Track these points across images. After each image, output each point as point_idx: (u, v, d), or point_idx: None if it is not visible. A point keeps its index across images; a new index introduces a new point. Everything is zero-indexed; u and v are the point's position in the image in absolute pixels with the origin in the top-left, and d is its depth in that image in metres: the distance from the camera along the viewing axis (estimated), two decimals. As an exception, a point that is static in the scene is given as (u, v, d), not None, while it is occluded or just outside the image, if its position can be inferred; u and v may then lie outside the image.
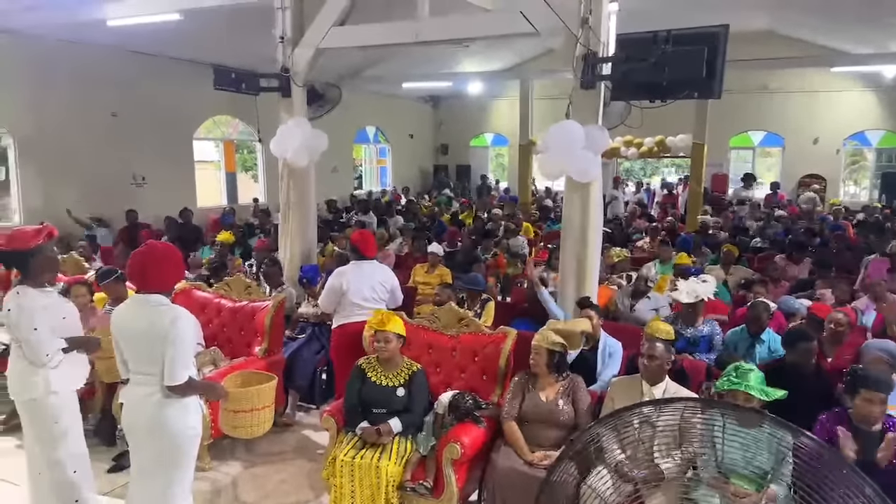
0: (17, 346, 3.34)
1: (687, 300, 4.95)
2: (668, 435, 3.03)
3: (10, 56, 8.35)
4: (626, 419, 2.83)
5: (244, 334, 5.21)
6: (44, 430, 3.35)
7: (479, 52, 12.72)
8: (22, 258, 3.29)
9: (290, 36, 6.38)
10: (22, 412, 3.41)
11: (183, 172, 11.32)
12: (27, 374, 3.31)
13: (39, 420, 3.34)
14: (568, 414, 3.66)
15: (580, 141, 4.91)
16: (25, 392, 3.31)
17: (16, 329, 3.26)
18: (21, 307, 3.24)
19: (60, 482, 3.39)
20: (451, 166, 19.22)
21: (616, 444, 3.13)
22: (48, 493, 3.41)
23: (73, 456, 3.43)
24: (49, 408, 3.33)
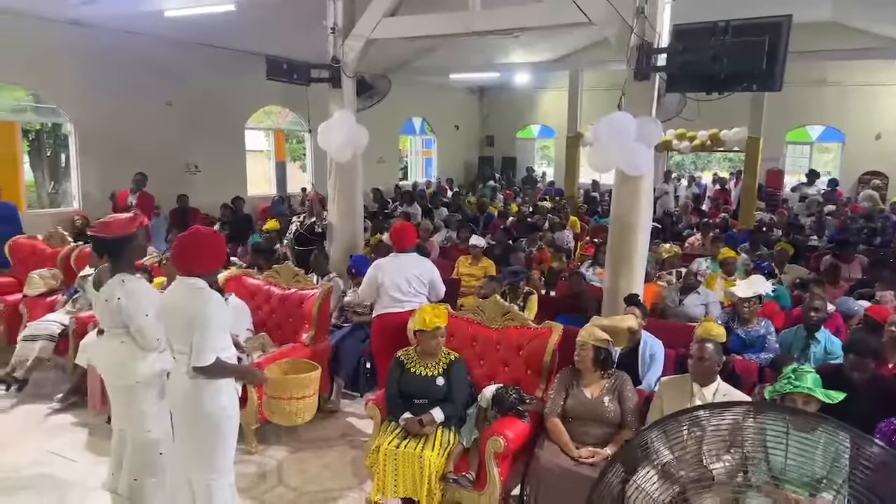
0: (117, 334, 3.35)
1: (744, 294, 4.80)
2: (719, 437, 2.95)
3: (73, 47, 8.63)
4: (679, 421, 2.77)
5: (292, 321, 5.29)
6: (141, 412, 3.39)
7: (527, 42, 12.59)
8: (117, 245, 3.32)
9: (342, 27, 6.44)
10: (120, 396, 3.44)
11: (234, 161, 11.54)
12: (135, 358, 3.34)
13: (137, 403, 3.37)
14: (614, 412, 3.61)
15: (631, 133, 4.82)
16: (129, 376, 3.33)
17: (125, 316, 3.28)
18: (131, 294, 3.27)
19: (146, 462, 3.45)
20: (496, 158, 19.13)
21: (664, 445, 3.07)
22: (133, 471, 3.47)
23: (161, 437, 3.48)
24: (148, 390, 3.37)
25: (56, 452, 4.45)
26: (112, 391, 3.49)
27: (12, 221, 7.47)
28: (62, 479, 4.14)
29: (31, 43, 8.13)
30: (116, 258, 3.35)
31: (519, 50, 13.90)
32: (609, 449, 3.49)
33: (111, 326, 3.39)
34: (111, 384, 3.47)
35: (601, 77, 14.80)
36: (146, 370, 3.36)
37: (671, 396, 3.49)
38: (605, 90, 14.18)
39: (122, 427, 3.49)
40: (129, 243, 3.35)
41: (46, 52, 8.35)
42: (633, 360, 4.32)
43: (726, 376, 3.71)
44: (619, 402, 3.63)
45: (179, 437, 3.21)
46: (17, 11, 7.83)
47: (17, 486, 4.05)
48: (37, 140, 13.15)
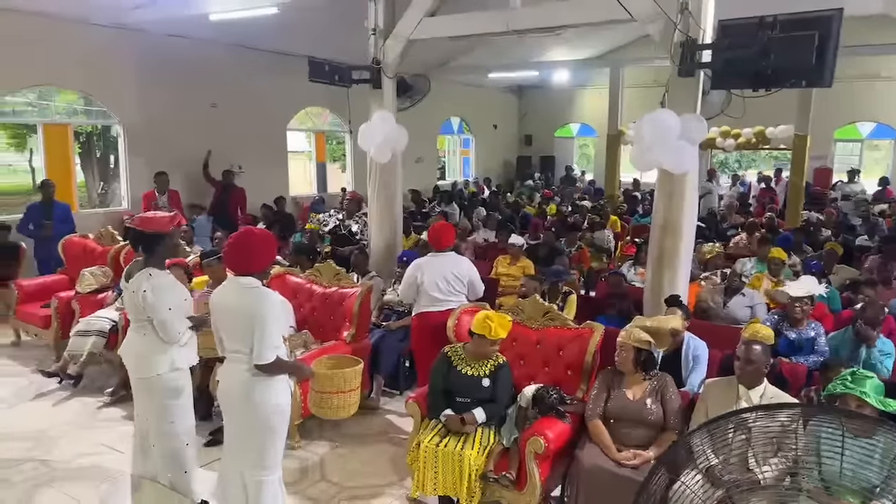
0: (141, 326, 3.46)
1: (797, 294, 4.67)
2: (766, 440, 2.89)
3: (121, 50, 8.88)
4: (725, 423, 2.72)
5: (333, 319, 5.36)
6: (162, 405, 3.49)
7: (567, 40, 12.48)
8: (153, 240, 3.43)
9: (382, 28, 6.49)
10: (141, 388, 3.55)
11: (276, 162, 11.71)
12: (154, 352, 3.44)
13: (160, 395, 3.48)
14: (656, 414, 3.56)
15: (675, 131, 4.74)
16: (151, 369, 3.44)
17: (149, 309, 3.38)
18: (155, 287, 3.37)
19: (173, 453, 3.55)
20: (534, 157, 19.02)
21: (709, 448, 3.02)
22: (160, 464, 3.57)
23: (186, 429, 3.59)
24: (171, 383, 3.47)
25: (106, 444, 4.60)
26: (134, 383, 3.59)
27: (68, 221, 7.75)
28: (112, 469, 4.26)
29: (83, 48, 8.39)
30: (149, 253, 3.47)
31: (558, 48, 13.80)
32: (652, 451, 3.44)
33: (136, 319, 3.50)
34: (133, 376, 3.57)
35: (643, 74, 14.58)
36: (166, 364, 3.44)
37: (716, 399, 3.43)
38: (648, 87, 13.98)
39: (147, 418, 3.57)
40: (163, 240, 3.46)
41: (98, 56, 8.61)
42: (675, 362, 4.25)
43: (773, 379, 3.62)
44: (662, 405, 3.58)
45: (232, 434, 3.27)
46: (71, 18, 8.09)
47: (69, 476, 4.20)
48: (87, 142, 13.61)
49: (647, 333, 3.66)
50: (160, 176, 8.95)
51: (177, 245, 3.68)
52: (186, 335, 3.51)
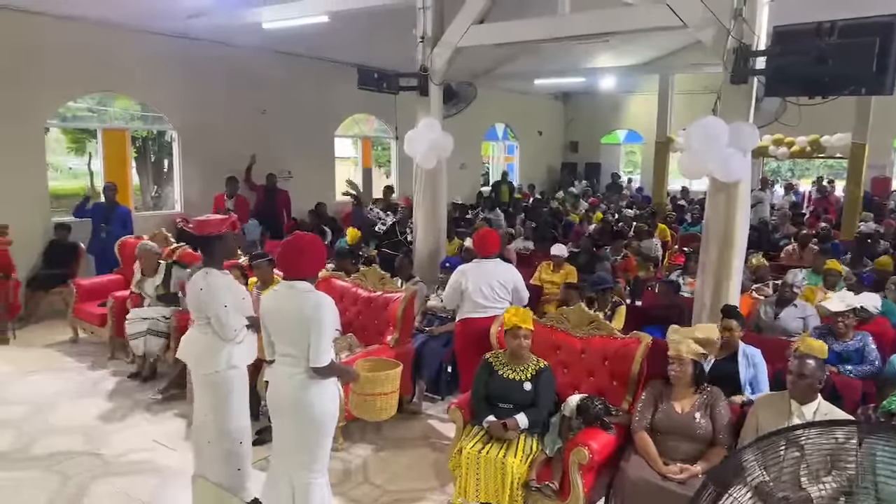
0: (201, 324, 3.60)
1: (836, 308, 4.55)
2: (819, 458, 2.80)
3: (176, 58, 9.16)
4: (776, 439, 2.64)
5: (377, 323, 5.42)
6: (220, 402, 3.59)
7: (615, 46, 12.35)
8: (209, 242, 3.60)
9: (430, 35, 6.54)
10: (200, 385, 3.67)
11: (324, 168, 11.90)
12: (213, 350, 3.56)
13: (217, 392, 3.58)
14: (705, 428, 3.49)
15: (724, 138, 4.65)
16: (210, 366, 3.55)
17: (206, 307, 3.52)
18: (211, 285, 3.51)
19: (228, 452, 3.63)
20: (580, 164, 18.86)
21: (759, 464, 2.94)
22: (215, 461, 3.66)
23: (241, 427, 3.67)
24: (229, 380, 3.58)
25: (157, 441, 4.74)
26: (195, 380, 3.71)
27: (127, 223, 8.03)
28: (164, 465, 4.40)
29: (142, 55, 8.70)
30: (207, 254, 3.63)
31: (606, 54, 13.66)
32: (699, 466, 3.37)
33: (197, 318, 3.62)
34: (194, 373, 3.70)
35: (693, 80, 14.33)
36: (225, 361, 3.54)
37: (768, 414, 3.34)
38: (698, 94, 13.72)
39: (205, 415, 3.65)
40: (218, 242, 3.60)
41: (155, 63, 8.91)
42: (731, 369, 4.15)
43: (827, 394, 3.51)
44: (711, 419, 3.51)
45: (282, 436, 3.31)
46: (130, 27, 8.39)
47: (121, 470, 4.33)
48: (143, 146, 14.07)
49: (699, 344, 3.60)
50: (231, 181, 9.26)
51: (233, 247, 3.78)
52: (242, 333, 3.61)
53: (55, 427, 4.93)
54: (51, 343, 6.93)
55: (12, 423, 4.98)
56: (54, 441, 4.70)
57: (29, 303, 7.63)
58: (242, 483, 3.68)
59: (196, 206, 9.54)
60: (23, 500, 3.94)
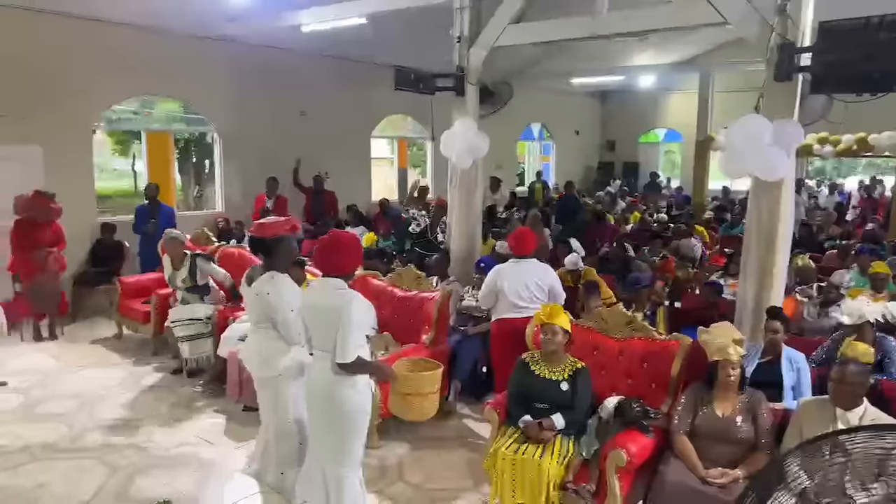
0: (264, 328, 3.65)
1: (848, 322, 4.40)
2: (866, 465, 2.72)
3: (218, 60, 9.34)
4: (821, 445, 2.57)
5: (413, 322, 5.44)
6: (283, 403, 3.67)
7: (654, 43, 12.18)
8: (270, 245, 3.65)
9: (467, 35, 6.54)
10: (263, 387, 3.74)
11: (360, 169, 12.00)
12: (277, 352, 3.62)
13: (281, 394, 3.66)
14: (746, 432, 3.42)
15: (766, 136, 4.55)
16: (273, 369, 3.62)
17: (272, 310, 3.57)
18: (278, 289, 3.58)
19: (287, 452, 3.72)
20: (617, 163, 18.64)
21: (803, 470, 2.87)
22: (274, 459, 3.76)
23: (301, 430, 3.72)
24: (290, 382, 3.64)
25: (199, 436, 4.84)
26: (258, 383, 3.77)
27: (171, 223, 8.21)
28: (205, 459, 4.49)
29: (184, 58, 8.89)
30: (269, 257, 3.67)
31: (645, 51, 13.48)
32: (740, 470, 3.31)
33: (258, 321, 3.67)
34: (257, 376, 3.75)
35: (734, 78, 14.01)
36: (288, 363, 3.60)
37: (811, 420, 3.26)
38: (740, 92, 13.37)
39: (267, 417, 3.75)
40: (281, 244, 3.65)
41: (197, 66, 9.10)
42: (774, 373, 4.05)
43: (874, 399, 3.41)
44: (754, 423, 3.44)
45: (315, 430, 3.41)
46: (172, 30, 8.59)
47: (166, 463, 4.44)
48: (185, 148, 14.40)
49: (739, 345, 3.53)
50: (271, 181, 9.36)
51: (293, 249, 3.84)
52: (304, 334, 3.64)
53: (103, 420, 5.08)
54: (97, 339, 7.14)
55: (63, 416, 5.15)
56: (102, 434, 4.85)
57: (76, 300, 7.88)
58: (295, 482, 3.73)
59: (237, 207, 9.74)
60: (74, 489, 4.06)
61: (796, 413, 3.43)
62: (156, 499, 3.90)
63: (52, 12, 7.56)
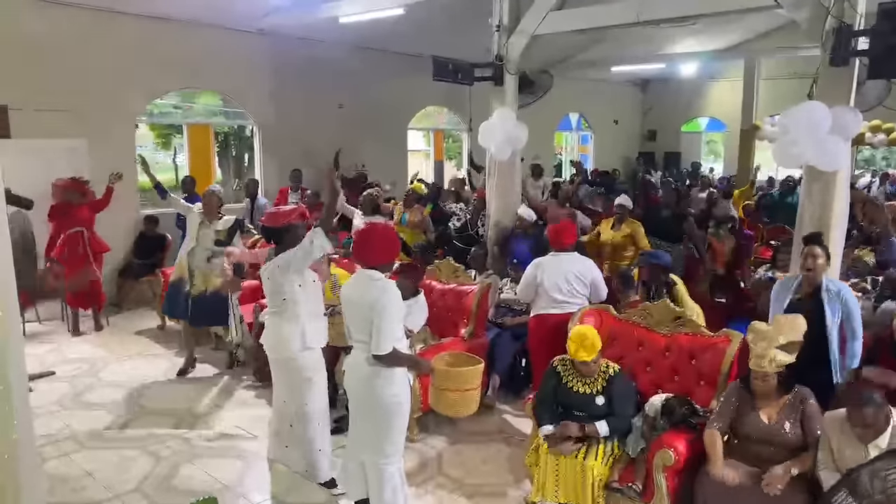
0: (275, 311, 3.78)
1: None
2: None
3: (256, 53, 9.41)
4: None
5: (451, 315, 5.39)
6: (298, 386, 3.77)
7: (698, 30, 11.83)
8: (278, 233, 3.81)
9: (507, 24, 6.43)
10: (278, 369, 3.86)
11: (397, 161, 11.95)
12: (287, 334, 3.72)
13: (295, 375, 3.76)
14: (794, 436, 3.20)
15: (826, 125, 4.36)
16: (285, 350, 3.74)
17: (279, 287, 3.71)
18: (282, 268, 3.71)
19: (307, 434, 3.79)
20: (657, 153, 18.24)
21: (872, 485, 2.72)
22: (295, 443, 3.84)
23: (319, 410, 3.84)
24: (304, 362, 3.74)
25: (240, 426, 4.88)
26: (273, 364, 3.87)
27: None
28: (246, 449, 4.51)
29: (224, 52, 8.97)
30: (279, 244, 3.80)
31: (688, 39, 13.10)
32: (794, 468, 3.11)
33: (272, 304, 3.79)
34: (272, 358, 3.86)
35: (779, 65, 13.60)
36: (299, 343, 3.68)
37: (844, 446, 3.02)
38: (786, 79, 13.02)
39: (285, 399, 3.83)
40: (288, 232, 3.77)
41: (237, 60, 9.17)
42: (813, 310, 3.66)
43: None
44: (802, 425, 3.21)
45: (355, 421, 3.42)
46: (214, 24, 8.67)
47: (209, 453, 4.48)
48: (224, 141, 14.58)
49: (786, 350, 3.21)
50: (294, 172, 9.36)
51: (302, 236, 3.87)
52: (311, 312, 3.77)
53: (147, 410, 5.17)
54: (140, 330, 7.27)
55: (109, 405, 5.25)
56: (147, 423, 4.93)
57: (121, 291, 8.04)
58: (319, 464, 3.80)
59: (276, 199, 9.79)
60: (120, 478, 4.13)
61: (824, 428, 3.14)
62: (198, 489, 3.94)
63: (98, 8, 7.69)
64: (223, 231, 5.86)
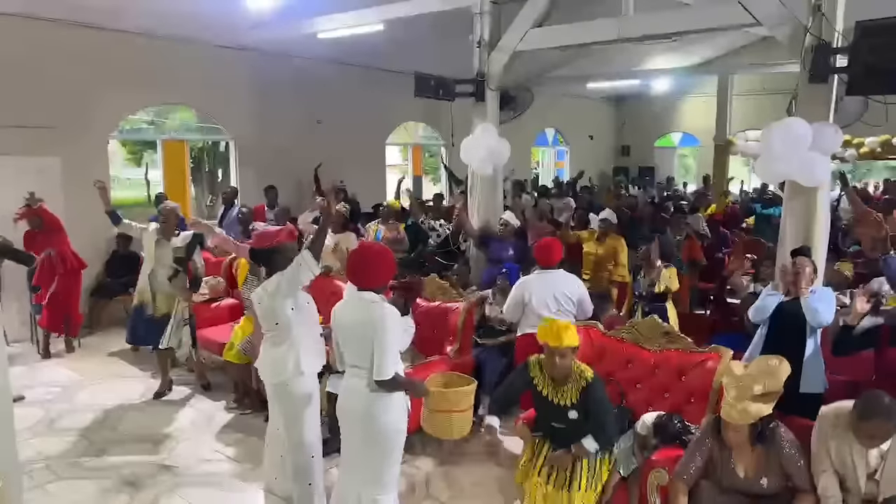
0: (271, 336, 3.61)
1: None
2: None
3: (234, 69, 9.29)
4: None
5: (436, 333, 5.32)
6: (291, 413, 3.56)
7: (673, 47, 12.03)
8: (267, 255, 3.65)
9: (487, 40, 6.44)
10: (272, 396, 3.67)
11: (376, 176, 11.90)
12: (283, 359, 3.53)
13: (289, 402, 3.56)
14: (775, 487, 3.00)
15: (807, 141, 4.42)
16: (280, 374, 3.53)
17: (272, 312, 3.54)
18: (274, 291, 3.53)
19: (300, 466, 3.59)
20: (632, 168, 18.45)
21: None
22: (286, 476, 3.64)
23: (313, 440, 3.63)
24: (298, 388, 3.54)
25: (220, 451, 4.74)
26: (269, 389, 3.69)
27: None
28: (228, 477, 4.39)
29: (201, 68, 8.84)
30: (269, 267, 3.64)
31: (663, 55, 13.33)
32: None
33: (266, 329, 3.62)
34: (267, 382, 3.67)
35: (751, 81, 13.86)
36: (295, 369, 3.50)
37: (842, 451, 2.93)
38: (758, 95, 13.27)
39: (277, 428, 3.64)
40: (278, 253, 3.61)
41: (214, 75, 9.04)
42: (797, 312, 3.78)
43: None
44: (783, 470, 2.98)
45: (351, 452, 3.27)
46: (192, 40, 8.54)
47: (190, 482, 4.33)
48: (198, 157, 14.38)
49: (761, 402, 2.88)
50: (270, 190, 9.16)
51: (291, 256, 3.77)
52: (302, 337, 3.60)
53: (124, 435, 5.00)
54: (114, 351, 7.05)
55: (83, 430, 5.07)
56: (124, 450, 4.76)
57: (93, 311, 7.82)
58: (312, 499, 3.63)
59: (251, 215, 9.64)
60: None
61: (817, 431, 3.01)
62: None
63: (71, 23, 7.52)
64: (181, 248, 5.71)
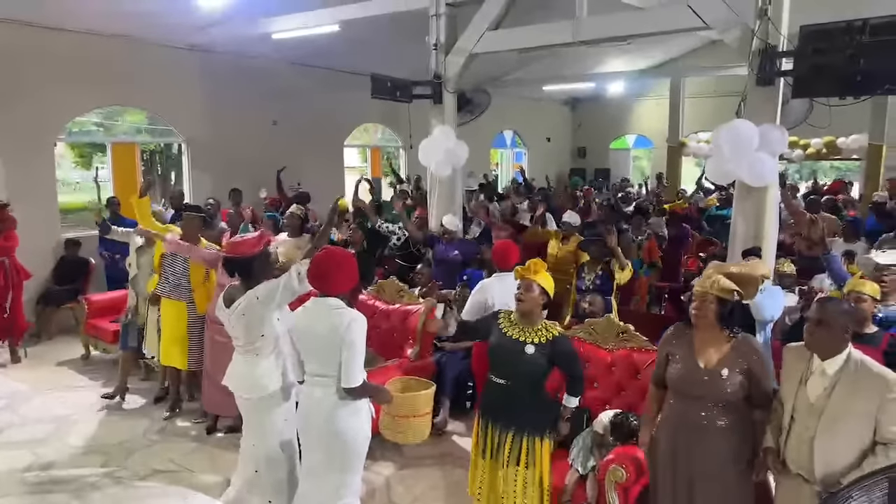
0: (248, 350, 3.41)
1: (885, 261, 4.18)
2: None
3: (187, 69, 9.10)
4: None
5: (396, 336, 5.30)
6: (270, 427, 3.39)
7: (626, 50, 12.24)
8: (246, 264, 3.43)
9: (444, 42, 6.45)
10: (245, 411, 3.48)
11: (334, 178, 11.78)
12: (261, 374, 3.37)
13: (267, 417, 3.39)
14: (732, 388, 2.78)
15: (754, 142, 4.54)
16: (257, 390, 3.36)
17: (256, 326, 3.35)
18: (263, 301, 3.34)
19: (276, 479, 3.44)
20: (588, 170, 18.72)
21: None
22: (258, 491, 3.47)
23: (288, 456, 3.47)
24: (276, 405, 3.39)
25: (175, 461, 4.62)
26: (244, 407, 3.50)
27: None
28: (185, 487, 4.28)
29: (151, 67, 8.61)
30: (247, 276, 3.44)
31: (617, 58, 13.56)
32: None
33: (244, 343, 3.42)
34: (243, 398, 3.48)
35: (702, 84, 14.21)
36: (273, 385, 3.38)
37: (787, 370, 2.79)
38: (709, 97, 13.61)
39: (254, 443, 3.47)
40: (258, 261, 3.46)
41: (166, 76, 8.83)
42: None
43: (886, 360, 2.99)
44: (747, 376, 2.81)
45: (314, 463, 3.18)
46: (142, 40, 8.33)
47: (145, 494, 4.22)
48: (150, 159, 14.04)
49: (734, 281, 2.82)
50: (234, 193, 8.86)
51: (270, 264, 3.66)
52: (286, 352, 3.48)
53: (73, 448, 4.83)
54: (63, 360, 6.82)
55: (30, 443, 4.88)
56: (74, 462, 4.60)
57: (40, 319, 7.55)
58: None
59: (206, 217, 9.43)
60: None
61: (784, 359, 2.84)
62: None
63: (12, 21, 7.25)
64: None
